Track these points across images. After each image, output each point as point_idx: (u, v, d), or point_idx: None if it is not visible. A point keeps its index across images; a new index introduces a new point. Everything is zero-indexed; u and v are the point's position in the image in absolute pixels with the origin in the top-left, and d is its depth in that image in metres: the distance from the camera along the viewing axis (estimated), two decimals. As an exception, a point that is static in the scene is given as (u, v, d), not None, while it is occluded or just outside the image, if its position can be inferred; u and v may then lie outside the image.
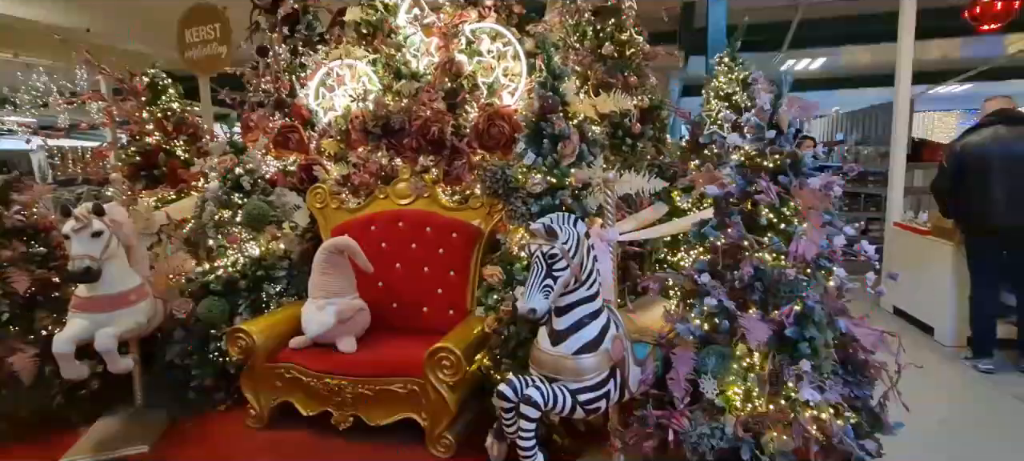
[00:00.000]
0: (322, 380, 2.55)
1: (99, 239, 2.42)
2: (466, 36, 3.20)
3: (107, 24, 5.80)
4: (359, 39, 3.52)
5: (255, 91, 3.62)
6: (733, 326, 1.85)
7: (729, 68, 2.90)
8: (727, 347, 1.83)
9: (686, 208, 2.89)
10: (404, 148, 3.20)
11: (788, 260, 1.73)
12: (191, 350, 2.92)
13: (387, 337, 2.80)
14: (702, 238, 2.08)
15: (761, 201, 1.80)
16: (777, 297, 1.82)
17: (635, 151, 2.88)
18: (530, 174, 2.43)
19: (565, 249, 1.76)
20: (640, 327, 2.03)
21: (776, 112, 1.91)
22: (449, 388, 2.36)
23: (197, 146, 3.55)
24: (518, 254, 2.43)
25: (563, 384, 1.81)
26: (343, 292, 2.77)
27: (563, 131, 2.36)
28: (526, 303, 1.72)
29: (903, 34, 4.47)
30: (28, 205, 2.77)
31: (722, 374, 1.80)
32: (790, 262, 1.73)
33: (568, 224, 1.81)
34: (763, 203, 1.82)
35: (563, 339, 1.84)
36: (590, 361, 1.81)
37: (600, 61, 2.89)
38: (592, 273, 1.87)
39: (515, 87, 3.23)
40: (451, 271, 2.94)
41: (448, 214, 3.00)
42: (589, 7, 2.83)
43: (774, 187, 1.77)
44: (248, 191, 3.07)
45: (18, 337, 2.59)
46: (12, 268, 2.59)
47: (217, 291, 2.93)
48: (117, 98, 3.49)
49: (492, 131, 2.98)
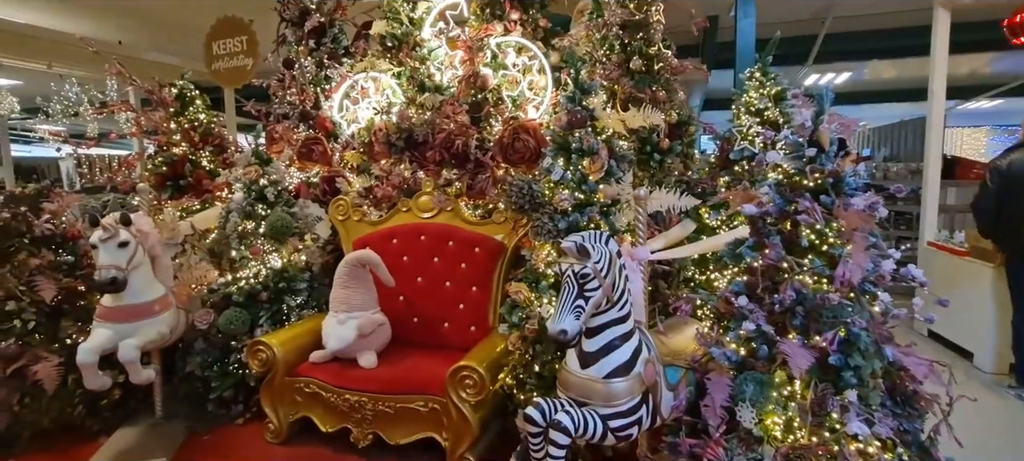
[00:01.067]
0: (342, 396, 2.51)
1: (126, 249, 2.42)
2: (491, 49, 3.19)
3: (138, 36, 5.95)
4: (384, 52, 3.53)
5: (280, 103, 3.64)
6: (772, 352, 1.77)
7: (760, 83, 2.83)
8: (766, 374, 1.75)
9: (715, 226, 2.81)
10: (427, 161, 3.18)
11: (834, 284, 1.64)
12: (211, 361, 2.91)
13: (408, 353, 2.76)
14: (737, 258, 2.01)
15: (804, 221, 1.72)
16: (819, 322, 1.73)
17: (663, 167, 2.82)
18: (557, 189, 2.38)
19: (597, 269, 1.70)
20: (672, 350, 1.96)
21: (817, 129, 1.84)
22: (472, 408, 2.30)
23: (222, 157, 3.57)
24: (544, 271, 2.37)
25: (593, 409, 1.74)
26: (364, 306, 2.73)
27: (591, 146, 2.31)
28: (556, 324, 1.66)
29: (937, 47, 4.35)
30: (57, 213, 2.80)
31: (761, 402, 1.71)
32: (836, 287, 1.64)
33: (600, 242, 1.75)
34: (806, 224, 1.74)
35: (593, 362, 1.77)
36: (622, 385, 1.74)
37: (628, 75, 2.84)
38: (624, 293, 1.80)
39: (540, 101, 3.20)
40: (473, 287, 2.89)
41: (471, 228, 2.96)
42: (617, 21, 2.79)
43: (819, 208, 1.69)
44: (272, 202, 3.07)
45: (43, 345, 2.60)
46: (40, 276, 2.61)
47: (239, 302, 2.92)
48: (146, 109, 3.54)
49: (517, 145, 2.95)
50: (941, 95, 4.40)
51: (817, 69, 8.29)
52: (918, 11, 6.16)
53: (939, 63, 4.37)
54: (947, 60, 4.38)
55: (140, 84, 3.42)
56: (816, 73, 8.66)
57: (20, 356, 2.54)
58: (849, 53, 7.47)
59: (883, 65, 8.90)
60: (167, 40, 5.95)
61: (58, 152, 7.29)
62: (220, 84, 5.20)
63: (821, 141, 1.85)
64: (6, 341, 2.56)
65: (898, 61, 8.38)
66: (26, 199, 2.73)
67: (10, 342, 2.56)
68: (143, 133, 3.50)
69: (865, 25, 6.57)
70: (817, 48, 6.76)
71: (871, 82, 10.40)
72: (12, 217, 2.65)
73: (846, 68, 8.66)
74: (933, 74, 4.40)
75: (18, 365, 2.50)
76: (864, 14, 6.18)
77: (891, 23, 6.69)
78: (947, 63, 4.40)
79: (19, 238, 2.66)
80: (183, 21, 5.40)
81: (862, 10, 6.03)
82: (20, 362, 2.52)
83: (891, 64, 8.83)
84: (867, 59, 8.04)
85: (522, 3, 3.32)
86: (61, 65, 5.69)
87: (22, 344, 2.58)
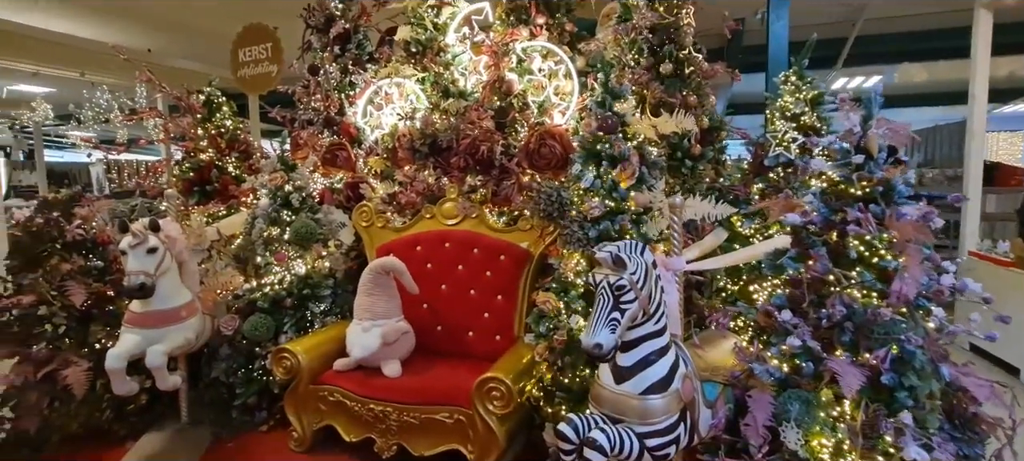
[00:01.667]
0: (367, 405, 2.47)
1: (154, 255, 2.43)
2: (517, 54, 3.14)
3: (167, 44, 6.07)
4: (408, 57, 3.52)
5: (305, 109, 3.65)
6: (818, 369, 1.68)
7: (796, 87, 2.73)
8: (812, 392, 1.66)
9: (748, 235, 2.72)
10: (451, 167, 3.15)
11: (889, 299, 1.55)
12: (236, 368, 2.90)
13: (432, 362, 2.71)
14: (778, 270, 1.92)
15: (855, 232, 1.63)
16: (870, 339, 1.64)
17: (694, 174, 2.74)
18: (586, 197, 2.32)
19: (633, 280, 1.63)
20: (709, 364, 1.88)
21: (865, 134, 1.75)
22: (498, 420, 2.24)
23: (248, 163, 3.59)
24: (573, 281, 2.31)
25: (629, 426, 1.67)
26: (389, 314, 2.70)
27: (623, 152, 2.25)
28: (591, 338, 1.60)
29: (978, 49, 4.17)
30: (88, 219, 2.83)
31: (807, 422, 1.63)
32: (891, 302, 1.55)
33: (636, 253, 1.69)
34: (855, 234, 1.65)
35: (628, 377, 1.70)
36: (659, 403, 1.67)
37: (657, 80, 2.77)
38: (659, 306, 1.73)
39: (566, 106, 3.15)
40: (499, 295, 2.84)
41: (496, 236, 2.91)
42: (647, 24, 2.72)
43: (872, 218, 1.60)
44: (297, 209, 3.07)
45: (72, 350, 2.62)
46: (71, 281, 2.63)
47: (264, 309, 2.91)
48: (174, 115, 3.58)
49: (543, 151, 2.89)
50: (983, 98, 4.22)
51: (846, 72, 8.09)
52: (954, 12, 5.98)
53: (980, 66, 4.19)
54: (989, 62, 4.20)
55: (169, 91, 3.46)
56: (844, 76, 8.44)
57: (51, 360, 2.57)
58: (880, 56, 7.27)
59: (914, 68, 8.65)
60: (194, 47, 6.06)
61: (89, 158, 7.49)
62: (245, 91, 5.26)
63: (869, 147, 1.76)
64: (37, 345, 2.59)
65: (929, 64, 8.14)
66: (59, 205, 2.76)
67: (41, 346, 2.59)
68: (171, 139, 3.53)
69: (898, 27, 6.38)
70: (846, 50, 6.58)
71: (902, 86, 10.11)
72: (45, 222, 2.69)
73: (876, 71, 8.43)
74: (974, 77, 4.22)
75: (49, 369, 2.52)
76: (898, 16, 6.00)
77: (924, 25, 6.49)
78: (989, 66, 4.22)
79: (52, 243, 2.70)
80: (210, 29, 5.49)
81: (896, 11, 5.85)
82: (50, 366, 2.55)
83: (922, 67, 8.58)
84: (898, 62, 7.80)
85: (548, 7, 3.28)
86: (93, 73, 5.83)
87: (53, 348, 2.60)
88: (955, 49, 7.24)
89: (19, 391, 2.53)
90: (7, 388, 2.53)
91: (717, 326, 1.94)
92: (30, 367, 2.54)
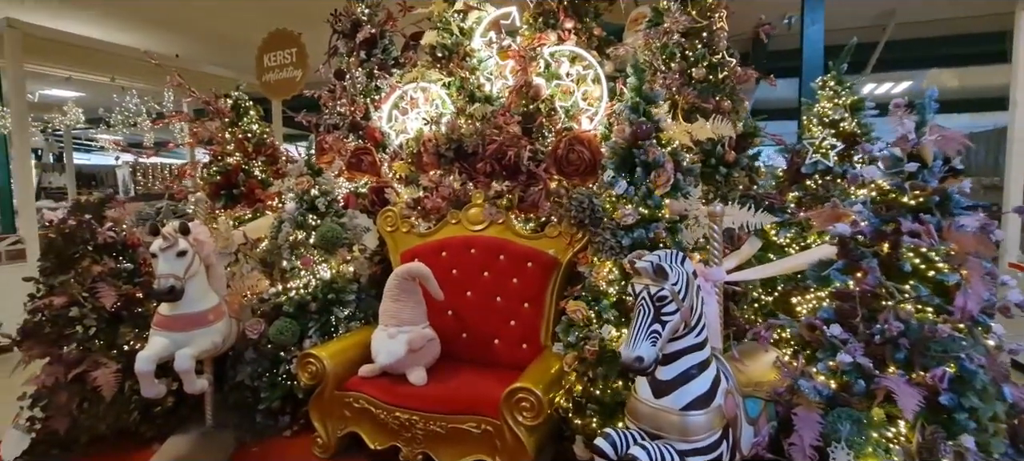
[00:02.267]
0: (393, 413, 2.44)
1: (184, 258, 2.44)
2: (545, 59, 3.11)
3: (193, 49, 6.16)
4: (434, 62, 3.51)
5: (330, 114, 3.65)
6: (870, 387, 1.60)
7: (834, 92, 2.65)
8: (863, 412, 1.59)
9: (783, 244, 2.64)
10: (477, 172, 3.11)
11: (953, 315, 1.47)
12: (261, 372, 2.90)
13: (457, 370, 2.67)
14: (823, 281, 1.85)
15: (912, 244, 1.56)
16: (925, 357, 1.56)
17: (728, 181, 2.67)
18: (619, 204, 2.27)
19: (675, 291, 1.58)
20: (751, 380, 1.81)
21: (919, 141, 1.67)
22: (527, 431, 2.19)
23: (274, 168, 3.60)
24: (605, 290, 2.25)
25: (669, 443, 1.61)
26: (415, 320, 2.67)
27: (657, 159, 2.19)
28: (631, 350, 1.55)
29: (1020, 54, 4.03)
30: (119, 221, 2.85)
31: (859, 443, 1.55)
32: (955, 318, 1.47)
33: (676, 262, 1.63)
34: (916, 246, 1.57)
35: (668, 391, 1.64)
36: (701, 419, 1.60)
37: (690, 84, 2.71)
38: (701, 318, 1.67)
39: (594, 111, 3.10)
40: (525, 303, 2.79)
41: (523, 242, 2.87)
42: (680, 28, 2.66)
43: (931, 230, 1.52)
44: (323, 213, 3.06)
45: (102, 352, 2.64)
46: (102, 283, 2.65)
47: (289, 313, 2.91)
48: (202, 119, 3.61)
49: (571, 157, 2.85)
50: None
51: (874, 78, 7.90)
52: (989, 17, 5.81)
53: (1023, 70, 4.04)
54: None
55: (198, 95, 3.49)
56: (872, 82, 8.25)
57: (81, 361, 2.58)
58: (910, 61, 7.08)
59: (944, 73, 8.42)
60: (220, 53, 6.15)
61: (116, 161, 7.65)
62: (269, 96, 5.31)
63: (923, 155, 1.68)
64: (68, 346, 2.61)
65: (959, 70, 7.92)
66: (91, 207, 2.79)
67: (71, 348, 2.61)
68: (199, 143, 3.57)
69: (930, 31, 6.21)
70: (876, 55, 6.42)
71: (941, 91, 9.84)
72: (78, 225, 2.71)
73: (906, 77, 8.22)
74: (1015, 82, 4.08)
75: (79, 370, 2.54)
76: (931, 20, 5.84)
77: (957, 29, 6.31)
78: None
79: (83, 245, 2.72)
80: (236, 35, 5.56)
81: (930, 15, 5.70)
82: (81, 367, 2.56)
83: (953, 73, 8.35)
84: (929, 67, 7.60)
85: (576, 12, 3.24)
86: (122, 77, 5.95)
87: (83, 350, 2.62)
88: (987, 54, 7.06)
89: (50, 392, 2.55)
90: (39, 388, 2.55)
91: (761, 340, 1.87)
92: (61, 368, 2.56)
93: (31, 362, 2.65)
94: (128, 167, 12.43)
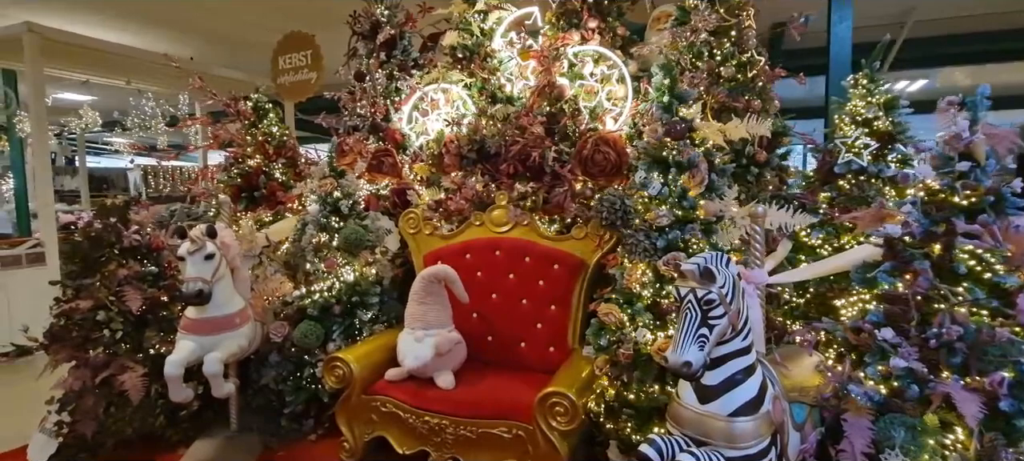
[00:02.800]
0: (422, 417, 2.41)
1: (211, 261, 2.42)
2: (568, 59, 3.08)
3: (208, 52, 6.18)
4: (454, 63, 3.49)
5: (351, 115, 3.64)
6: (924, 392, 1.56)
7: (867, 91, 2.60)
8: (917, 418, 1.54)
9: (815, 245, 2.59)
10: (500, 173, 3.09)
11: (1011, 319, 1.42)
12: (285, 375, 2.88)
13: (484, 373, 2.64)
14: (869, 284, 1.81)
15: (972, 245, 1.51)
16: (983, 361, 1.52)
17: (759, 181, 2.63)
18: (652, 205, 2.23)
19: (722, 294, 1.54)
20: (796, 384, 1.77)
21: (971, 139, 1.63)
22: (561, 436, 2.15)
23: (295, 169, 3.59)
24: (639, 292, 2.21)
25: (716, 450, 1.57)
26: (441, 323, 2.65)
27: (692, 159, 2.16)
28: (679, 355, 1.51)
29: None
30: (143, 224, 2.85)
31: (914, 451, 1.51)
32: (1012, 321, 1.43)
33: (722, 265, 1.59)
34: (965, 247, 1.53)
35: (714, 397, 1.60)
36: (749, 426, 1.57)
37: (718, 83, 2.67)
38: (747, 321, 1.63)
39: (618, 112, 3.07)
40: (552, 305, 2.76)
41: (549, 244, 2.84)
42: (709, 27, 2.63)
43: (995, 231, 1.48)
44: (346, 215, 3.05)
45: (128, 355, 2.63)
46: (127, 286, 2.64)
47: (313, 316, 2.89)
48: (223, 122, 3.61)
49: (597, 157, 2.81)
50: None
51: (889, 76, 7.82)
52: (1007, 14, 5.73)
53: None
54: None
55: (219, 97, 3.49)
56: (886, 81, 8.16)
57: (108, 365, 2.57)
58: (927, 59, 7.00)
59: (955, 72, 8.33)
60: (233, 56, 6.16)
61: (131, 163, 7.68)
62: (284, 98, 5.31)
63: (975, 154, 1.64)
64: (94, 350, 2.61)
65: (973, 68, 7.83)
66: (116, 210, 2.78)
67: (98, 351, 2.60)
68: (220, 146, 3.56)
69: (950, 28, 6.14)
70: (893, 53, 6.35)
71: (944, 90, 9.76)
72: (103, 228, 2.70)
73: (921, 75, 8.14)
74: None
75: (106, 374, 2.53)
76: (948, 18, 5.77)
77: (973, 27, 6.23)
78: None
79: (109, 248, 2.71)
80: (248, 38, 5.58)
81: (947, 13, 5.63)
82: (107, 371, 2.55)
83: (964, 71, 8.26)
84: (945, 65, 7.52)
85: (600, 11, 3.20)
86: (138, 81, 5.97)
87: (109, 353, 2.61)
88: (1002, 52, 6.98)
89: (78, 396, 2.54)
90: (66, 392, 2.54)
91: (804, 345, 1.83)
92: (88, 372, 2.55)
93: (58, 366, 2.64)
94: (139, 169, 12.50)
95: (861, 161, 2.53)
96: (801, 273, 1.90)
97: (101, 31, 5.25)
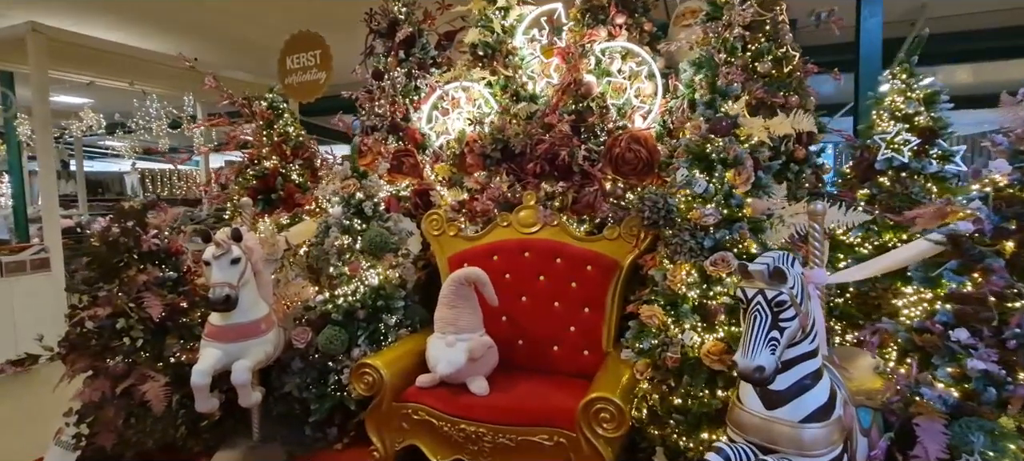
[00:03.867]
0: (457, 425, 2.34)
1: (237, 266, 2.34)
2: (595, 56, 3.01)
3: (213, 54, 6.07)
4: (475, 61, 3.41)
5: (368, 115, 3.56)
6: (1002, 395, 1.50)
7: (906, 85, 2.55)
8: (996, 422, 1.48)
9: (853, 244, 2.53)
10: (526, 173, 3.02)
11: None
12: (309, 382, 2.79)
13: (517, 378, 2.57)
14: (932, 283, 1.75)
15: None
16: (1064, 362, 1.46)
17: (799, 178, 2.57)
18: (695, 203, 2.17)
19: (793, 295, 1.48)
20: (862, 388, 1.71)
21: (1043, 132, 1.58)
22: (606, 443, 2.09)
23: (312, 171, 3.51)
24: (685, 293, 2.15)
25: (785, 458, 1.51)
26: (473, 328, 2.58)
27: (738, 156, 2.10)
28: (750, 360, 1.45)
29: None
30: (161, 228, 2.75)
31: (994, 457, 1.45)
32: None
33: (790, 265, 1.53)
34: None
35: (782, 402, 1.54)
36: (821, 433, 1.50)
37: (754, 79, 2.61)
38: (814, 323, 1.57)
39: (647, 109, 3.00)
40: (585, 307, 2.69)
41: (581, 245, 2.77)
42: (744, 21, 2.57)
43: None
44: (369, 217, 2.96)
45: (148, 364, 2.54)
46: (147, 293, 2.55)
47: (337, 321, 2.80)
48: (239, 122, 3.52)
49: (628, 156, 2.75)
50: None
51: (897, 73, 7.80)
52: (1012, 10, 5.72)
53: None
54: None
55: (234, 98, 3.39)
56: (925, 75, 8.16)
57: (127, 375, 2.48)
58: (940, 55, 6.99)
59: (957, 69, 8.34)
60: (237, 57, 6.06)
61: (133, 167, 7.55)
62: (292, 98, 5.21)
63: (1048, 147, 1.58)
64: (114, 359, 2.51)
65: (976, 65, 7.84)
66: (134, 214, 2.69)
67: (118, 360, 2.51)
68: (238, 147, 3.46)
69: (965, 25, 6.13)
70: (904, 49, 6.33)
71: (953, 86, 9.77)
72: (121, 232, 2.61)
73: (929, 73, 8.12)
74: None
75: (127, 384, 2.44)
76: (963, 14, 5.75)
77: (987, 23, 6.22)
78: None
79: (128, 253, 2.62)
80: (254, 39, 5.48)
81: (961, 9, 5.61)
82: (127, 381, 2.46)
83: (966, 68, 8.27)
84: (958, 62, 7.52)
85: (627, 6, 3.14)
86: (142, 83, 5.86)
87: (129, 362, 2.52)
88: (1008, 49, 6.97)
89: (97, 407, 2.45)
90: (86, 403, 2.44)
91: (868, 346, 1.77)
92: (107, 382, 2.46)
93: (75, 376, 2.55)
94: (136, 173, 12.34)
95: (902, 157, 2.47)
96: (858, 271, 1.84)
97: (106, 32, 5.14)
